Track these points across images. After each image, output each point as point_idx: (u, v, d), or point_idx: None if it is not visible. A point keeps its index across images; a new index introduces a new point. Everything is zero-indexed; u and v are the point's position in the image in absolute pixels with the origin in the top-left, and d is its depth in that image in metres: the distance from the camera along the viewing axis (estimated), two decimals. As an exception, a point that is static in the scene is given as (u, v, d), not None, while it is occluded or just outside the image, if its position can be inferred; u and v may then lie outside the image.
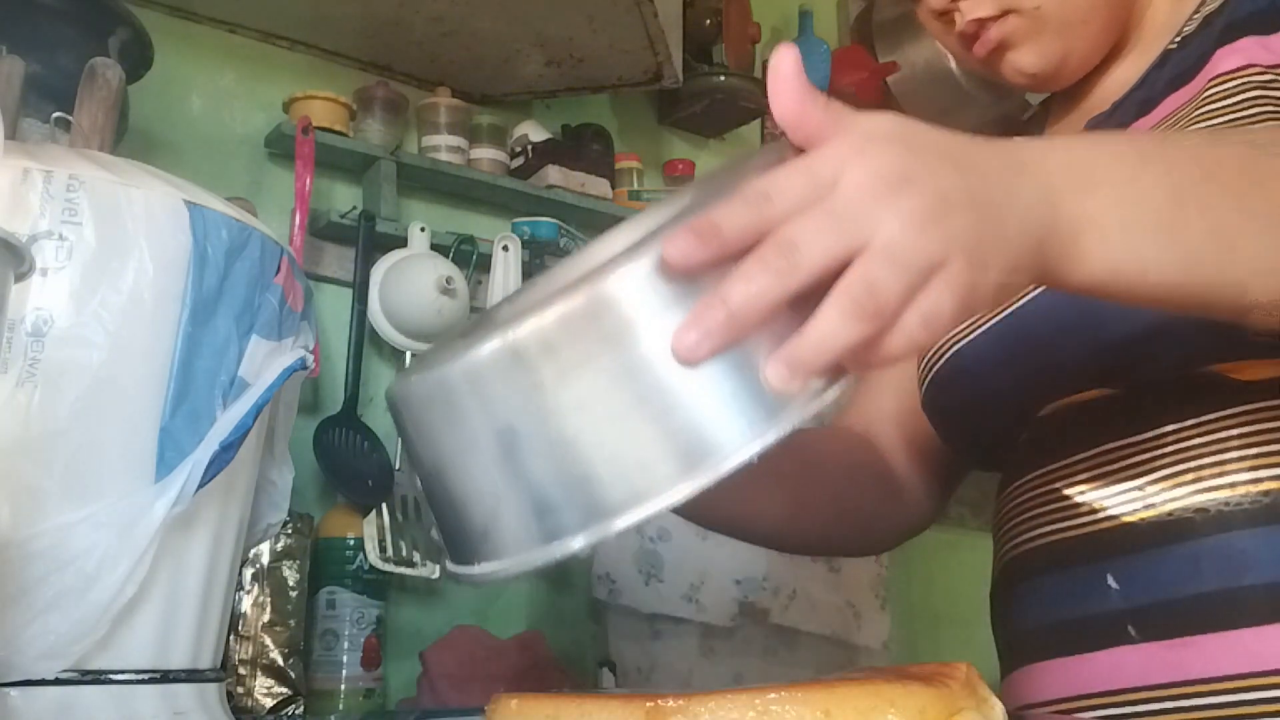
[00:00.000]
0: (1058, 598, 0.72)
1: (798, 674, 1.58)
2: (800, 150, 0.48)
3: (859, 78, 1.92)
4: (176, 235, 0.68)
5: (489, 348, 0.45)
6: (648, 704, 0.44)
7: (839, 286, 0.44)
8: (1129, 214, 0.51)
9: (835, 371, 0.46)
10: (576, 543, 0.46)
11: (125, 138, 1.01)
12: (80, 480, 0.64)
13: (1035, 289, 0.73)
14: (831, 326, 0.44)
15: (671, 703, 0.44)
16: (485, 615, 1.46)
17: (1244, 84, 0.68)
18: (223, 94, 1.43)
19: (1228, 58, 0.69)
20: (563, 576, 1.55)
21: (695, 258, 0.43)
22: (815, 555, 0.93)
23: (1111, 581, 0.69)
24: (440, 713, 1.20)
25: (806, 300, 0.45)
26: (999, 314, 0.76)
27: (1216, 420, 0.67)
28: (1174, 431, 0.68)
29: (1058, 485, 0.74)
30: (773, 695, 0.43)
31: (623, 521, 0.45)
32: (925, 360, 0.82)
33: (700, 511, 0.74)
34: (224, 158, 1.41)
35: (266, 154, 1.43)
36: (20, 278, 0.50)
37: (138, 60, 1.09)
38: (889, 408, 0.89)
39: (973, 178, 0.48)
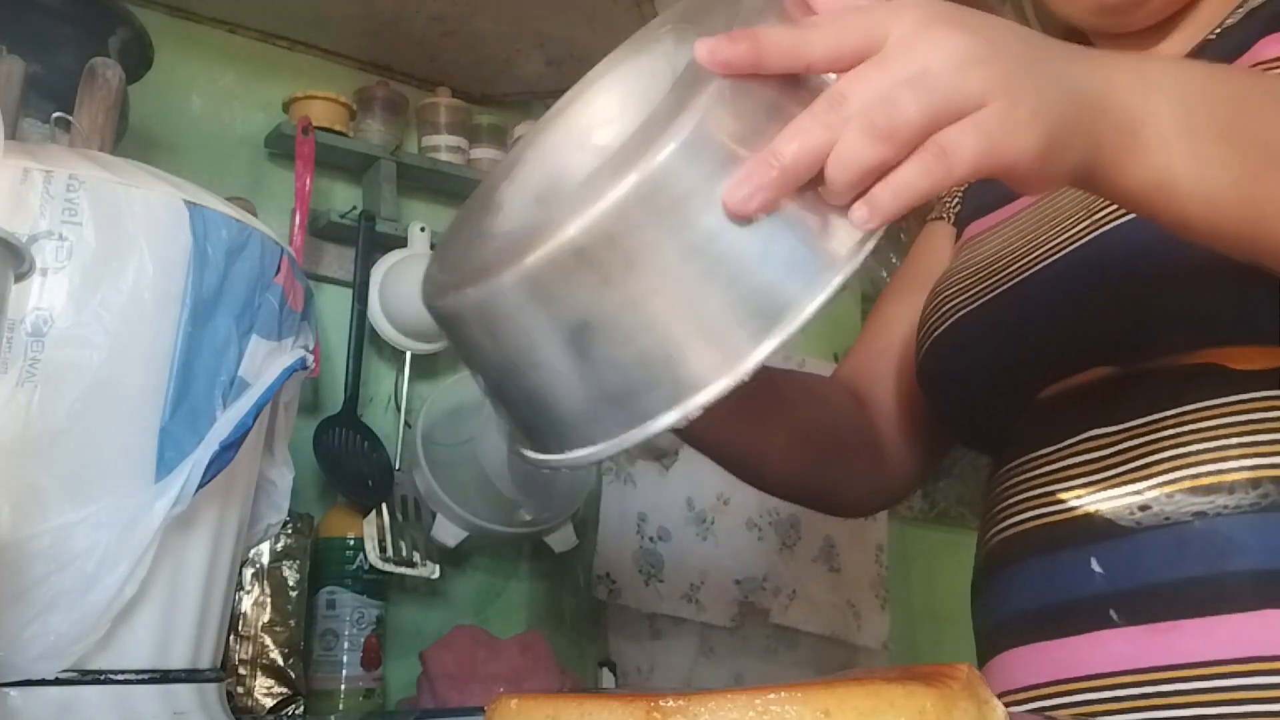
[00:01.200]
0: (1040, 583, 0.72)
1: (798, 674, 1.58)
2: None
3: (859, 78, 1.92)
4: (176, 235, 0.68)
5: (548, 251, 0.45)
6: (648, 704, 0.44)
7: (861, 106, 0.44)
8: (1190, 117, 0.50)
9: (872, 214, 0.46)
10: (670, 418, 0.46)
11: (125, 138, 1.01)
12: (80, 480, 0.64)
13: (1036, 264, 0.73)
14: (847, 147, 0.44)
15: (671, 703, 0.44)
16: (485, 615, 1.46)
17: None
18: (223, 94, 1.43)
19: (1270, 46, 0.69)
20: (563, 576, 1.55)
21: (734, 68, 0.44)
22: (791, 499, 0.92)
23: (1095, 566, 0.68)
24: (440, 713, 1.20)
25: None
26: (1000, 285, 0.75)
27: (1209, 409, 0.67)
28: (1164, 419, 0.68)
29: (1043, 472, 0.73)
30: (773, 695, 0.42)
31: (713, 391, 0.46)
32: (924, 327, 0.82)
33: (711, 433, 0.74)
34: (224, 158, 1.41)
35: (266, 154, 1.43)
36: (20, 278, 0.50)
37: (138, 60, 1.09)
38: (885, 369, 0.88)
39: (1030, 44, 0.47)
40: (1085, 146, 0.49)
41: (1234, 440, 0.65)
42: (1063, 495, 0.71)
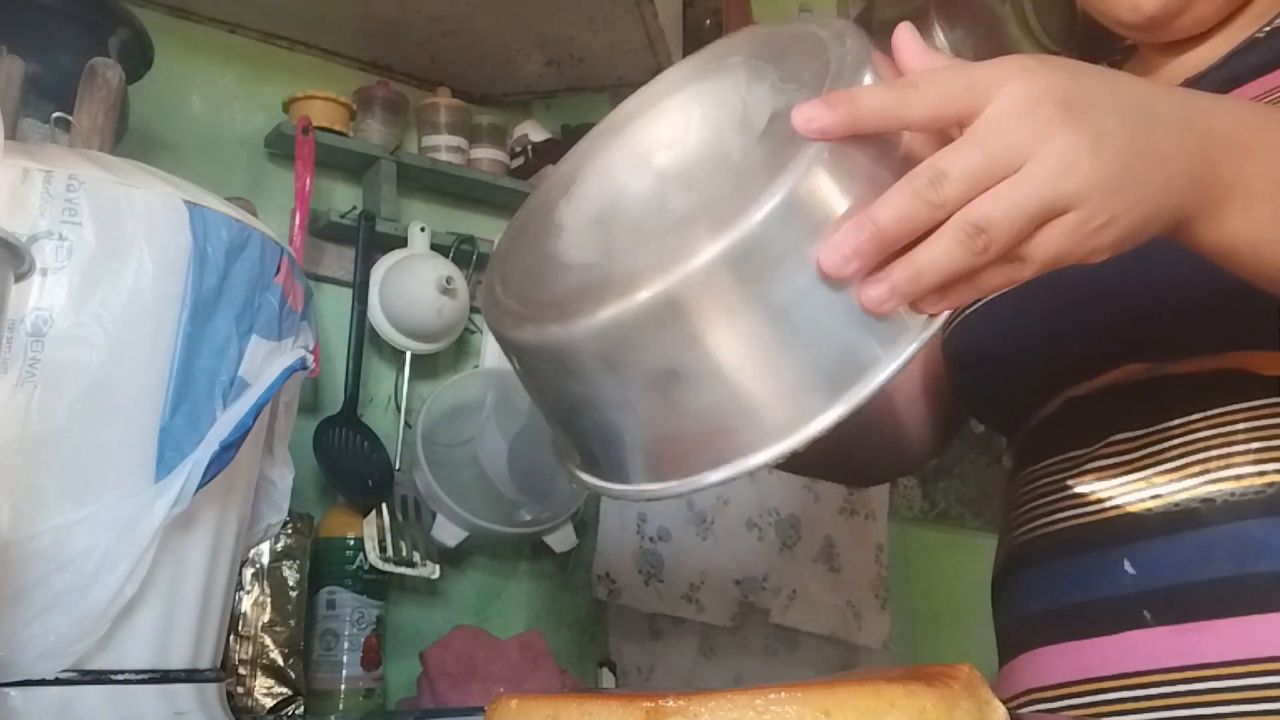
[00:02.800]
0: (1069, 582, 0.72)
1: (798, 674, 1.58)
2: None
3: (859, 78, 1.92)
4: (176, 235, 0.68)
5: (642, 301, 0.46)
6: (647, 704, 0.44)
7: (957, 214, 0.45)
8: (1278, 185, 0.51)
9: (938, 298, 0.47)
10: (751, 463, 0.48)
11: (125, 138, 1.01)
12: (80, 480, 0.64)
13: None
14: (935, 253, 0.45)
15: (671, 703, 0.44)
16: (485, 615, 1.46)
17: None
18: (223, 94, 1.43)
19: None
20: (563, 576, 1.55)
21: (831, 134, 0.45)
22: (809, 475, 0.92)
23: (1128, 566, 0.69)
24: (440, 713, 1.20)
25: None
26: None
27: (1237, 413, 0.67)
28: (1194, 422, 0.68)
29: (1071, 473, 0.74)
30: (773, 695, 0.42)
31: (777, 450, 0.48)
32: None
33: None
34: (224, 158, 1.40)
35: (266, 154, 1.43)
36: (20, 278, 0.50)
37: (138, 60, 1.08)
38: None
39: (1138, 121, 0.47)
40: (1171, 221, 0.49)
41: (1261, 444, 0.66)
42: (1092, 496, 0.72)
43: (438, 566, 1.34)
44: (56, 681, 0.62)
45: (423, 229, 1.44)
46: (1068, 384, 0.76)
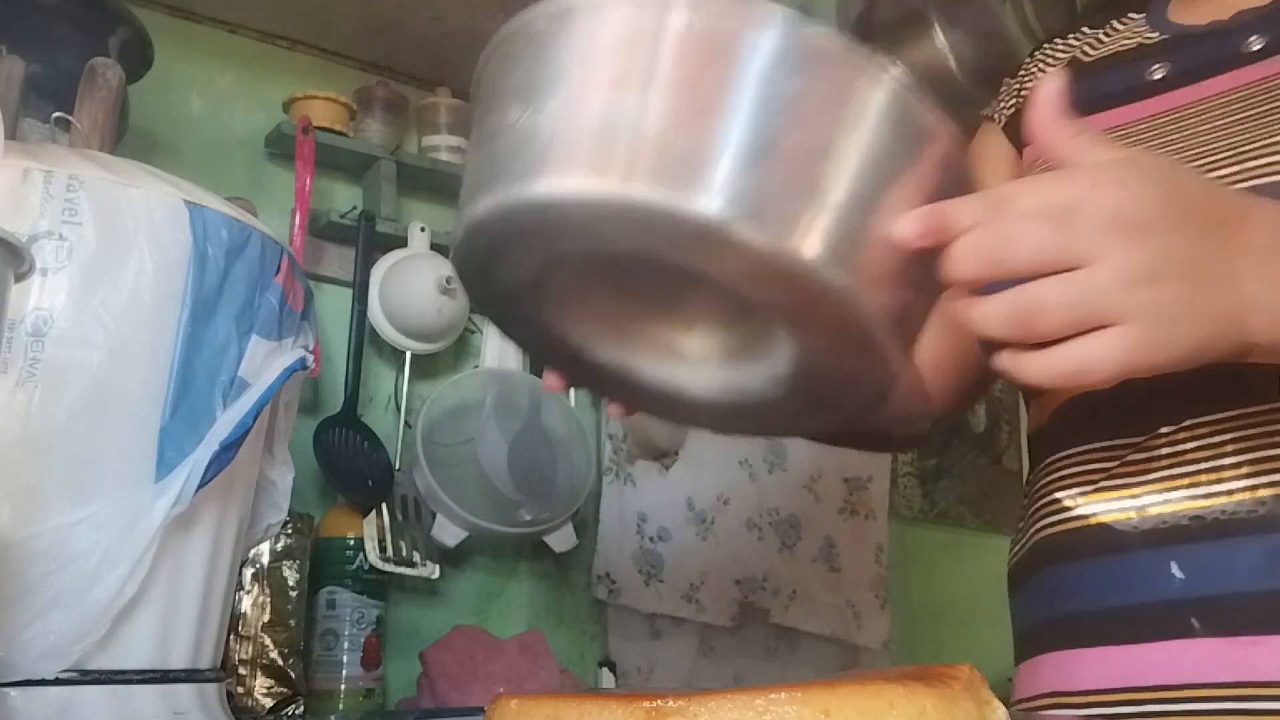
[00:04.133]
0: (1104, 583, 0.67)
1: (798, 674, 1.58)
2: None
3: (859, 78, 1.92)
4: (176, 235, 0.68)
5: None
6: (647, 704, 0.44)
7: (1019, 288, 0.45)
8: None
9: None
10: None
11: (125, 138, 1.01)
12: (80, 480, 0.64)
13: None
14: (987, 312, 0.45)
15: (671, 703, 0.44)
16: (485, 615, 1.46)
17: None
18: (223, 94, 1.43)
19: None
20: (563, 576, 1.55)
21: (924, 242, 0.45)
22: (838, 445, 0.88)
23: (1176, 570, 0.64)
24: (440, 713, 1.20)
25: None
26: None
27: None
28: (1260, 414, 0.64)
29: (1111, 464, 0.69)
30: (774, 695, 0.42)
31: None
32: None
33: None
34: (224, 158, 1.40)
35: (266, 154, 1.43)
36: (20, 278, 0.50)
37: (138, 60, 1.08)
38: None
39: (1206, 252, 0.47)
40: (1230, 347, 0.49)
41: None
42: (1136, 491, 0.67)
43: (438, 566, 1.34)
44: (56, 681, 0.62)
45: (423, 229, 1.44)
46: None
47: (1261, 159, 0.67)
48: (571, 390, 1.61)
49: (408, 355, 1.43)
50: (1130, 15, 0.85)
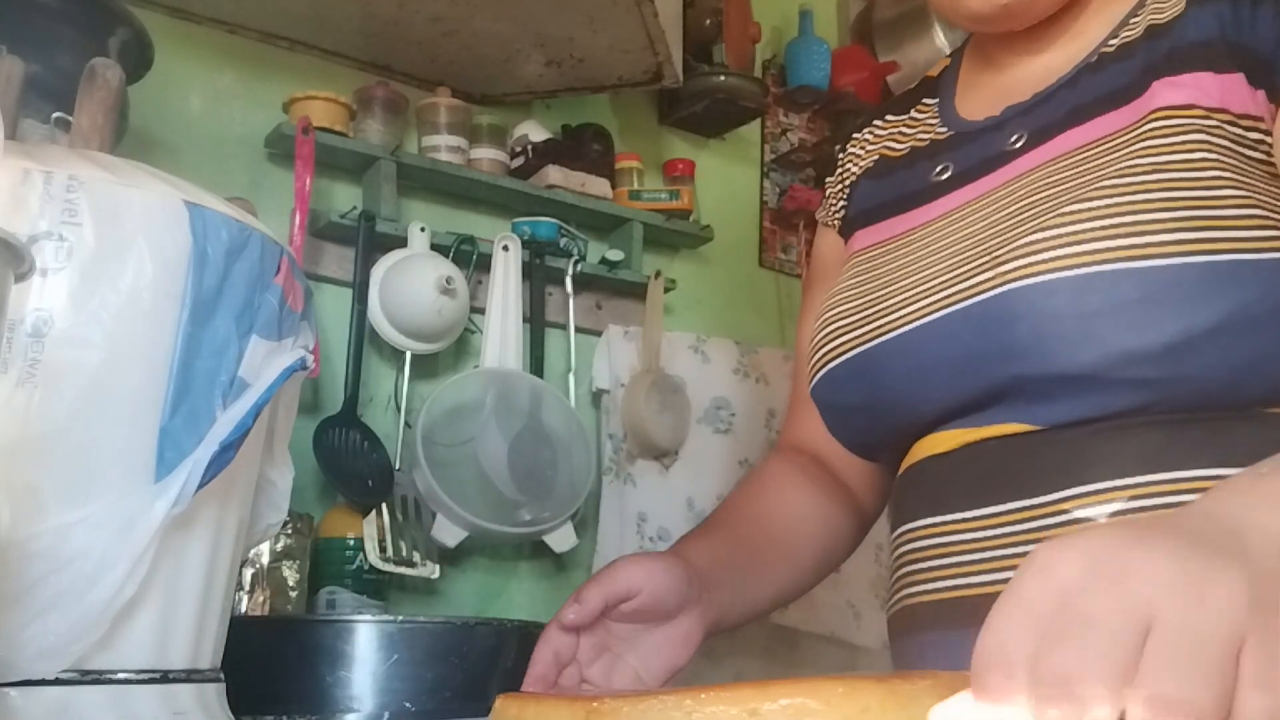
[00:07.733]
0: (953, 659, 0.69)
1: (798, 674, 1.58)
2: None
3: (859, 77, 1.92)
4: (176, 235, 0.67)
5: None
6: (587, 705, 0.45)
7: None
8: None
9: None
10: None
11: (125, 138, 1.01)
12: (80, 480, 0.64)
13: (931, 311, 0.72)
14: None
15: (609, 703, 0.45)
16: (485, 615, 1.46)
17: (1186, 124, 0.66)
18: (223, 94, 1.43)
19: (1169, 92, 0.68)
20: (563, 576, 1.55)
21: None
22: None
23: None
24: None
25: None
26: (896, 326, 0.74)
27: (1105, 491, 0.65)
28: (1067, 498, 0.66)
29: (954, 538, 0.73)
30: (703, 695, 0.43)
31: None
32: (815, 354, 0.81)
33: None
34: (224, 158, 1.41)
35: (266, 154, 1.43)
36: (20, 278, 0.50)
37: (138, 60, 1.08)
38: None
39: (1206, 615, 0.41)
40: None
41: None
42: (977, 567, 0.71)
43: (438, 566, 1.34)
44: (56, 681, 0.62)
45: (423, 229, 1.45)
46: (929, 443, 0.75)
47: (1011, 262, 0.68)
48: (571, 390, 1.62)
49: (408, 355, 1.43)
50: (925, 102, 0.88)
